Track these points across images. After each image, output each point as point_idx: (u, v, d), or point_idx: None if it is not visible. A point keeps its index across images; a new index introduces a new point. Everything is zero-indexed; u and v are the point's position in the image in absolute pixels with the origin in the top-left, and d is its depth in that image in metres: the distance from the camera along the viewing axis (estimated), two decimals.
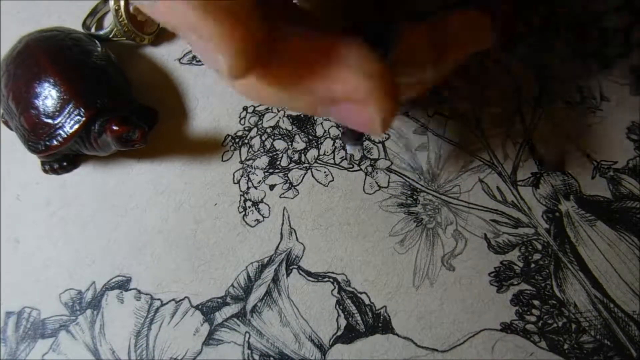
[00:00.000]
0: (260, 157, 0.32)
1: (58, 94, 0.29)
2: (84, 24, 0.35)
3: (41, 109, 0.29)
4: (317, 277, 0.30)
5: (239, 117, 0.33)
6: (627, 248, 0.29)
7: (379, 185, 0.31)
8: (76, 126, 0.29)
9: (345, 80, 0.15)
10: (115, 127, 0.29)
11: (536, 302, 0.28)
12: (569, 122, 0.31)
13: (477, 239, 0.30)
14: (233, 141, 0.33)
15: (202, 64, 0.35)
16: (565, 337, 0.28)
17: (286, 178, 0.32)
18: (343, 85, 0.15)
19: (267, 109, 0.33)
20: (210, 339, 0.30)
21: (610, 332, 0.28)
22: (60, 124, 0.29)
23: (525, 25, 0.33)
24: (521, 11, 0.33)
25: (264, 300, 0.30)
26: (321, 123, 0.32)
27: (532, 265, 0.29)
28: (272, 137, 0.33)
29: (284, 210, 0.31)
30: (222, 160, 0.32)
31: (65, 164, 0.33)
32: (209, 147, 0.33)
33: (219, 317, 0.30)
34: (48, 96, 0.29)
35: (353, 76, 0.15)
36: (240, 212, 0.31)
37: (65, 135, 0.29)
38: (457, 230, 0.30)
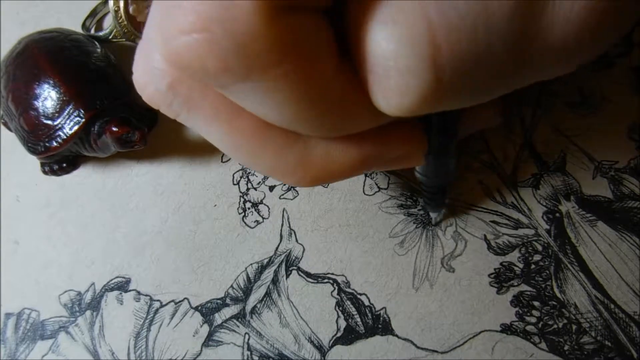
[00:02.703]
0: None
1: (58, 95, 0.29)
2: (83, 25, 0.35)
3: (41, 110, 0.29)
4: (317, 278, 0.30)
5: None
6: (628, 248, 0.28)
7: (378, 187, 0.31)
8: (76, 127, 0.29)
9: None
10: (114, 129, 0.29)
11: (536, 303, 0.28)
12: (569, 123, 0.31)
13: (477, 240, 0.30)
14: None
15: None
16: (566, 338, 0.28)
17: None
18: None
19: None
20: (209, 340, 0.30)
21: (611, 333, 0.27)
22: (59, 125, 0.29)
23: None
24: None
25: (263, 302, 0.30)
26: None
27: (533, 266, 0.29)
28: None
29: (283, 212, 0.31)
30: (222, 162, 0.32)
31: (64, 165, 0.33)
32: (209, 148, 0.33)
33: (219, 318, 0.30)
34: (48, 97, 0.29)
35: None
36: (239, 214, 0.31)
37: (65, 137, 0.29)
38: (457, 232, 0.30)
